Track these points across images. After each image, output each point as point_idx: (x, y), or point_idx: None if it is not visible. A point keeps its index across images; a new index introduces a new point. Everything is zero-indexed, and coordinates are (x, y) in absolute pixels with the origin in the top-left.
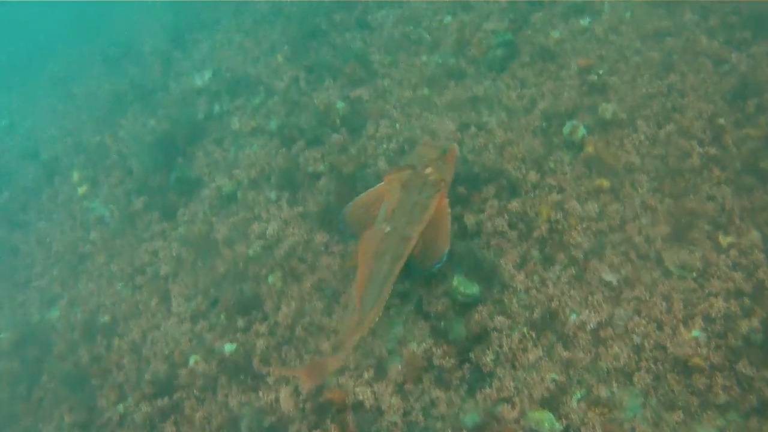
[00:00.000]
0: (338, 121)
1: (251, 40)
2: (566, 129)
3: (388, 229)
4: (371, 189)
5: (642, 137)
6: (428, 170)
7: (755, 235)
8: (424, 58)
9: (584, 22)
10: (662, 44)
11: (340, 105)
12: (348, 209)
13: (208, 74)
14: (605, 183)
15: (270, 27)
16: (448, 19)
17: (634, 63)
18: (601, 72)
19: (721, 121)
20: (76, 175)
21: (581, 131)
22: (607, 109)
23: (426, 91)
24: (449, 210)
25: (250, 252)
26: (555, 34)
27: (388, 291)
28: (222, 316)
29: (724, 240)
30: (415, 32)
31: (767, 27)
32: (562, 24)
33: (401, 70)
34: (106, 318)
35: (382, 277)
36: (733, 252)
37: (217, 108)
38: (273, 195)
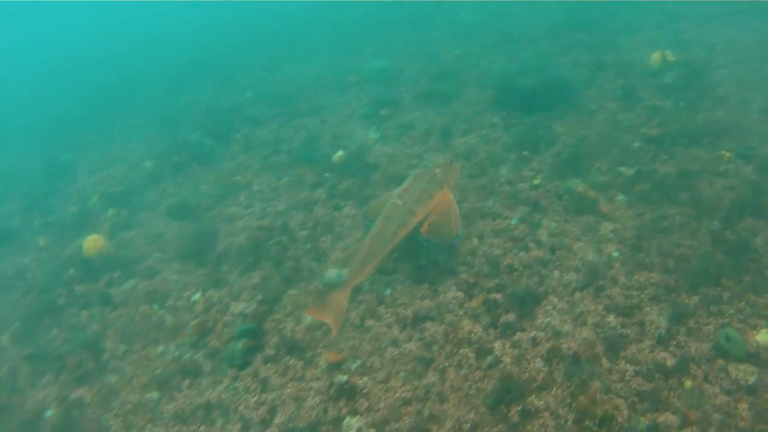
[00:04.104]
0: None
1: None
2: None
3: (400, 203)
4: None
5: None
6: (437, 170)
7: None
8: (160, 348)
9: None
10: (422, 332)
11: (51, 413)
12: (368, 207)
13: None
14: None
15: (8, 296)
16: (196, 296)
17: (390, 356)
18: (353, 368)
19: None
20: None
21: None
22: (352, 426)
23: (155, 394)
24: (455, 202)
25: None
26: (308, 319)
27: (389, 248)
28: None
29: None
30: (157, 314)
31: (526, 308)
32: None
33: (134, 364)
34: None
35: (388, 235)
36: None
37: None
38: None
